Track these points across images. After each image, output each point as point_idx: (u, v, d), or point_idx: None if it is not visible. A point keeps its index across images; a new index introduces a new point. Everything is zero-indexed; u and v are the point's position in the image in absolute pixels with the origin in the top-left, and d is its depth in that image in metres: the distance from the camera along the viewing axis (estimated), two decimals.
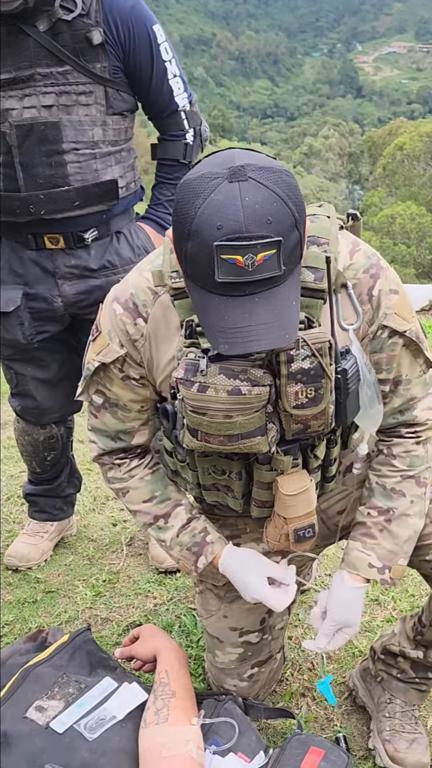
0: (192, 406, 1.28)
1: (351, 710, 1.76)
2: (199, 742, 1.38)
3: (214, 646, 1.71)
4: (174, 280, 1.32)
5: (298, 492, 1.42)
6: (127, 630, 2.03)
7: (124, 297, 1.40)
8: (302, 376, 1.28)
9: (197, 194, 1.11)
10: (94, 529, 2.55)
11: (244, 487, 1.47)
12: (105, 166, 1.93)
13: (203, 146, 2.13)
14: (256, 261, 1.09)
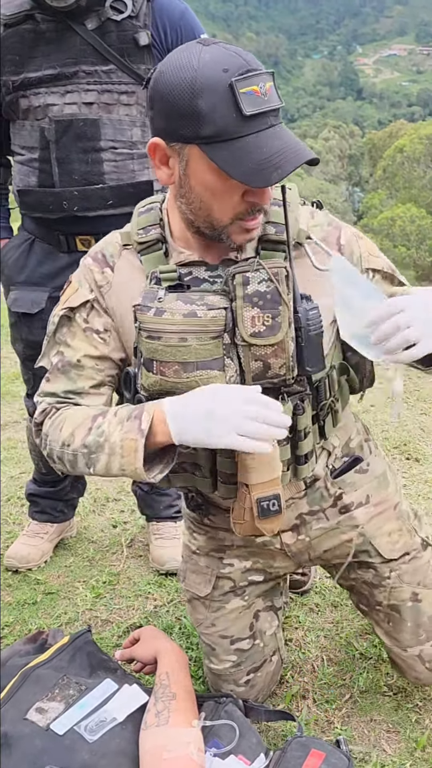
0: (147, 330, 1.30)
1: (351, 712, 1.76)
2: (200, 744, 1.38)
3: (208, 653, 1.73)
4: (140, 236, 1.39)
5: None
6: (128, 632, 2.02)
7: (93, 252, 1.46)
8: (258, 299, 1.29)
9: (186, 63, 1.19)
10: (94, 530, 2.55)
11: (210, 462, 1.43)
12: (142, 168, 1.93)
13: None
14: (266, 89, 1.17)
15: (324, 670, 1.88)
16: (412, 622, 1.64)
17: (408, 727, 1.70)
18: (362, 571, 1.67)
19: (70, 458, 1.37)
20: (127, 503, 2.70)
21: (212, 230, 1.31)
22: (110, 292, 1.43)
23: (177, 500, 2.40)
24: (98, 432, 1.32)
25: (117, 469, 1.31)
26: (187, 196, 1.29)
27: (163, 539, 2.33)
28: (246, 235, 1.32)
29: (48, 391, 1.46)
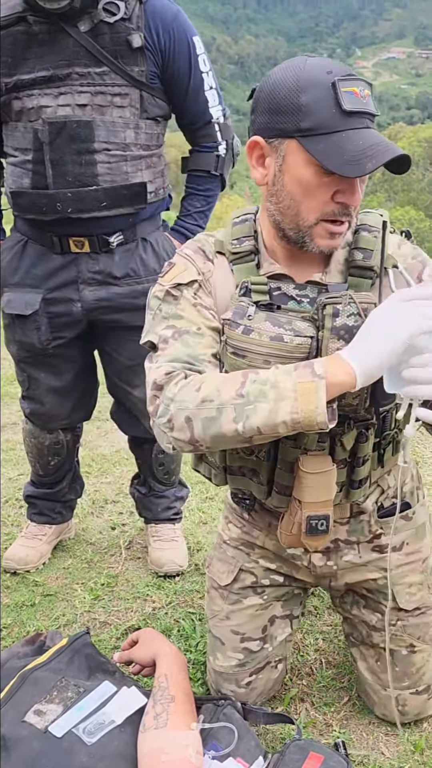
0: (234, 347, 1.32)
1: (350, 715, 1.75)
2: (198, 747, 1.38)
3: (216, 648, 1.73)
4: (234, 246, 1.43)
5: (318, 472, 1.38)
6: (126, 634, 2.02)
7: (192, 247, 1.48)
8: (345, 332, 1.30)
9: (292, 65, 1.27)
10: (92, 532, 2.55)
11: (269, 472, 1.47)
12: (135, 169, 1.93)
13: (235, 161, 2.14)
14: (365, 94, 1.25)
15: (322, 672, 1.88)
16: (400, 669, 1.66)
17: (406, 730, 1.70)
18: (368, 611, 1.69)
19: (210, 415, 1.24)
20: (126, 505, 2.70)
21: (297, 231, 1.33)
22: (211, 281, 1.44)
23: (175, 502, 2.39)
24: (260, 380, 1.24)
25: (285, 414, 1.20)
26: (278, 194, 1.33)
27: (162, 541, 2.33)
28: (329, 241, 1.33)
29: (169, 358, 1.36)
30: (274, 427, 1.22)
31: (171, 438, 1.31)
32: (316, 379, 1.20)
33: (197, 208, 2.10)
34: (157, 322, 1.42)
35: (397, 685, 1.66)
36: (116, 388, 2.21)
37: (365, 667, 1.71)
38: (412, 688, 1.67)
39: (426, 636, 1.67)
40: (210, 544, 2.44)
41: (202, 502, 2.73)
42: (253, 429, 1.22)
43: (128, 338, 2.08)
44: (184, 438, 1.28)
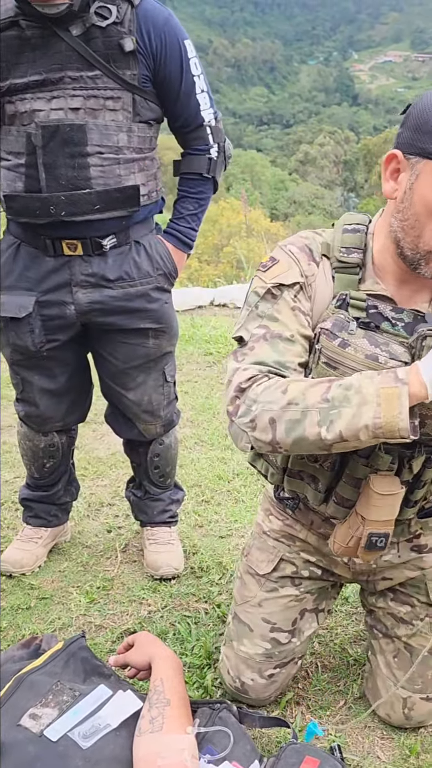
0: (328, 357, 1.35)
1: (345, 719, 1.75)
2: (194, 751, 1.37)
3: (242, 634, 1.74)
4: (342, 254, 1.42)
5: (389, 494, 1.42)
6: (122, 637, 2.02)
7: (298, 243, 1.46)
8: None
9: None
10: (88, 535, 2.54)
11: (330, 480, 1.49)
12: (128, 172, 1.92)
13: (227, 164, 2.13)
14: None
15: (318, 676, 1.88)
16: (418, 669, 1.67)
17: (402, 734, 1.70)
18: (397, 603, 1.71)
19: (294, 417, 1.26)
20: (122, 508, 2.69)
21: (414, 252, 1.34)
22: (313, 285, 1.43)
23: (171, 505, 2.39)
24: (345, 386, 1.26)
25: (368, 419, 1.21)
26: (404, 212, 1.33)
27: (158, 544, 2.33)
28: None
29: (256, 360, 1.37)
30: (356, 432, 1.22)
31: (252, 438, 1.32)
32: (399, 384, 1.22)
33: (190, 210, 2.10)
34: (251, 318, 1.42)
35: (410, 686, 1.67)
36: (110, 391, 2.21)
37: (383, 662, 1.72)
38: (423, 693, 1.67)
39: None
40: (206, 547, 2.43)
41: (198, 505, 2.73)
42: (336, 434, 1.24)
43: (122, 341, 2.08)
44: (265, 439, 1.30)
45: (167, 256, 2.07)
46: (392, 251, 1.40)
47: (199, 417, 3.49)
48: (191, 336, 4.55)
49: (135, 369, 2.13)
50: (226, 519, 2.62)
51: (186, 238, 2.10)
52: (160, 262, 2.05)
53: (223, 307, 5.41)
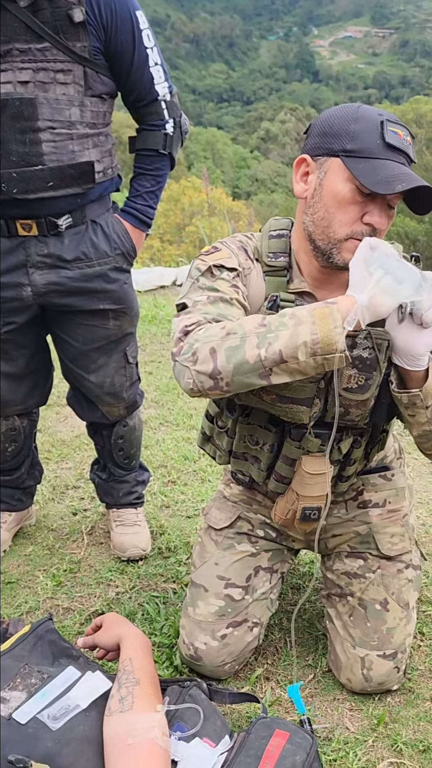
0: None
1: (314, 692, 1.78)
2: (164, 729, 1.38)
3: (197, 596, 1.80)
4: (270, 259, 1.56)
5: (317, 473, 1.62)
6: (89, 619, 2.01)
7: (235, 243, 1.58)
8: (359, 362, 1.52)
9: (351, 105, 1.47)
10: (53, 518, 2.53)
11: (271, 460, 1.68)
12: (82, 148, 1.88)
13: (183, 139, 2.09)
14: (407, 141, 1.42)
15: (287, 651, 1.90)
16: (372, 625, 1.73)
17: (370, 705, 1.73)
18: (350, 559, 1.81)
19: (234, 344, 1.32)
20: (87, 490, 2.68)
21: (327, 243, 1.48)
22: (249, 278, 1.56)
23: (136, 486, 2.38)
24: (279, 314, 1.35)
25: (305, 336, 1.28)
26: (314, 206, 1.49)
27: (125, 526, 2.32)
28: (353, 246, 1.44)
29: (201, 311, 1.43)
30: (295, 350, 1.29)
31: (193, 372, 1.35)
32: (330, 305, 1.33)
33: (147, 188, 2.06)
34: (193, 289, 1.50)
35: (366, 643, 1.72)
36: (71, 374, 2.18)
37: (340, 625, 1.78)
38: (379, 650, 1.71)
39: (400, 597, 1.75)
40: (173, 527, 2.44)
41: (164, 485, 2.73)
42: (276, 353, 1.30)
43: (81, 322, 2.05)
44: (206, 370, 1.33)
45: (125, 235, 2.04)
46: (307, 249, 1.53)
47: (163, 397, 3.48)
48: (154, 316, 4.53)
49: (96, 351, 2.10)
50: (192, 499, 2.63)
51: (144, 216, 2.07)
52: (118, 241, 2.03)
53: None
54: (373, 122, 1.42)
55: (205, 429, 1.82)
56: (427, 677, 1.81)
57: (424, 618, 1.99)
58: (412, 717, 1.69)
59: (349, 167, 1.41)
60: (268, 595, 1.83)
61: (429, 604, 2.05)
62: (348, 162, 1.42)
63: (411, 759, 1.60)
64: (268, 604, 1.83)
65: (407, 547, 1.80)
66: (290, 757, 1.39)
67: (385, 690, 1.74)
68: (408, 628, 1.75)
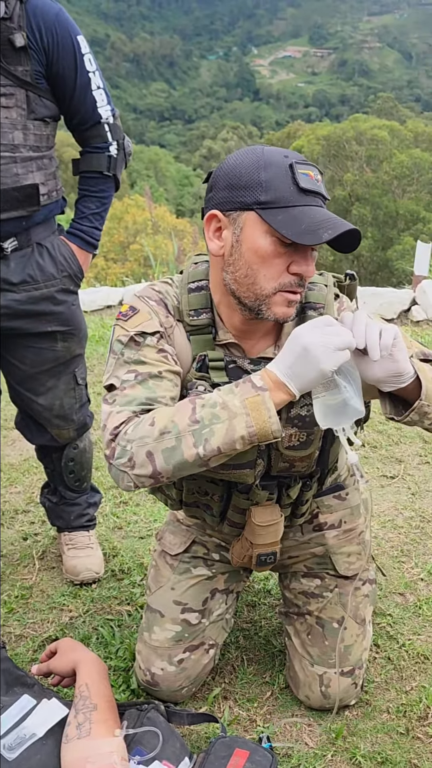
0: None
1: (273, 709, 1.78)
2: (123, 753, 1.37)
3: (153, 621, 1.78)
4: (192, 318, 1.49)
5: (268, 524, 1.61)
6: (43, 645, 1.98)
7: (154, 297, 1.51)
8: (299, 421, 1.49)
9: (251, 150, 1.38)
10: (3, 544, 2.48)
11: (222, 507, 1.65)
12: (26, 171, 1.88)
13: (127, 161, 2.10)
14: (318, 179, 1.35)
15: (244, 669, 1.90)
16: (329, 643, 1.75)
17: (328, 719, 1.74)
18: (307, 579, 1.81)
19: (170, 446, 1.29)
20: (37, 514, 2.64)
21: (254, 300, 1.39)
22: (173, 336, 1.49)
23: (88, 509, 2.36)
24: (210, 404, 1.31)
25: (242, 430, 1.27)
26: (235, 264, 1.39)
27: (77, 549, 2.30)
28: (287, 309, 1.40)
29: (127, 400, 1.39)
30: (233, 444, 1.29)
31: (132, 476, 1.32)
32: (260, 392, 1.30)
33: (92, 209, 2.07)
34: (119, 366, 1.44)
35: (323, 661, 1.73)
36: (19, 397, 2.16)
37: (298, 643, 1.79)
38: (337, 668, 1.71)
39: (357, 614, 1.77)
40: (126, 549, 2.42)
41: (116, 506, 2.71)
42: (213, 450, 1.29)
43: (29, 345, 2.03)
44: (146, 473, 1.31)
45: (71, 257, 2.04)
46: (230, 304, 1.45)
47: None
48: (101, 336, 4.51)
49: (44, 373, 2.09)
50: (145, 519, 2.61)
51: (90, 237, 2.07)
52: (65, 263, 2.02)
53: None
54: (282, 167, 1.33)
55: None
56: (383, 689, 1.83)
57: (379, 630, 2.01)
58: (370, 729, 1.71)
59: (268, 221, 1.32)
60: (223, 615, 1.82)
61: (383, 617, 2.07)
62: (265, 215, 1.32)
63: None
64: (223, 625, 1.83)
65: (364, 564, 1.80)
66: None
67: (343, 706, 1.75)
68: (364, 643, 1.77)
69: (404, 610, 2.11)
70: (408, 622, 2.05)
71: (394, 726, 1.72)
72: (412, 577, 2.25)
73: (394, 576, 2.25)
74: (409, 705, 1.77)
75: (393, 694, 1.82)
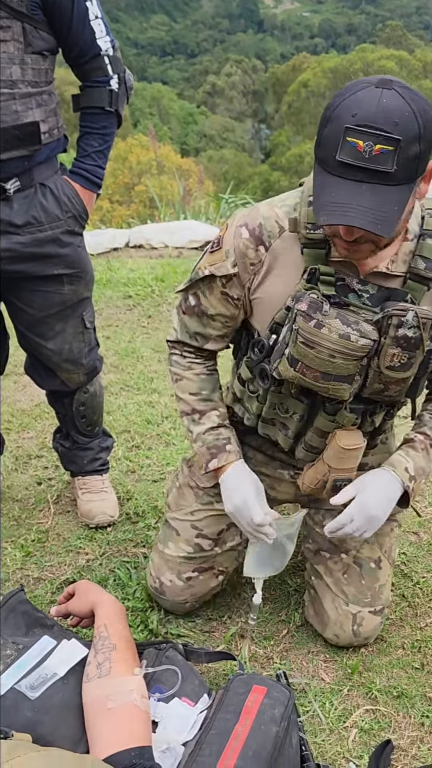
0: (304, 338, 1.45)
1: (289, 647, 1.81)
2: (143, 691, 1.39)
3: (169, 537, 1.86)
4: (309, 231, 1.48)
5: (353, 448, 1.61)
6: (61, 588, 2.01)
7: (252, 224, 1.54)
8: (404, 342, 1.47)
9: (346, 91, 1.29)
10: (18, 489, 2.50)
11: (299, 429, 1.67)
12: (25, 108, 1.81)
13: (129, 95, 2.02)
14: (373, 150, 1.23)
15: (261, 609, 1.92)
16: (366, 582, 1.76)
17: (344, 655, 1.77)
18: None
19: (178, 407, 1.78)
20: (51, 459, 2.65)
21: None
22: (259, 271, 1.55)
23: (101, 453, 2.37)
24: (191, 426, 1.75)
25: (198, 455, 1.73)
26: None
27: (91, 493, 2.31)
28: (346, 254, 1.44)
29: (183, 323, 1.72)
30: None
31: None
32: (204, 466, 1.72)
33: (95, 147, 2.00)
34: (193, 284, 1.65)
35: (359, 600, 1.75)
36: (28, 342, 2.13)
37: (331, 581, 1.79)
38: (371, 606, 1.75)
39: (391, 555, 1.81)
40: (139, 492, 2.43)
41: (128, 450, 2.71)
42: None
43: (35, 289, 2.00)
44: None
45: (75, 197, 1.99)
46: None
47: (122, 362, 3.45)
48: (108, 279, 4.46)
49: (52, 317, 2.06)
50: (158, 463, 2.62)
51: (94, 176, 2.02)
52: (69, 204, 1.97)
53: (139, 248, 5.30)
54: (339, 129, 1.25)
55: (236, 390, 1.80)
56: (398, 626, 1.85)
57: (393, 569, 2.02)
58: (385, 665, 1.74)
59: (314, 176, 1.33)
60: (236, 548, 1.85)
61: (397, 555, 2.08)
62: (316, 169, 1.33)
63: (386, 705, 1.64)
64: (235, 555, 1.86)
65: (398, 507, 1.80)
66: (269, 711, 1.41)
67: (367, 643, 1.78)
68: (389, 583, 1.81)
69: (418, 548, 2.12)
70: (422, 561, 2.07)
71: (409, 661, 1.74)
72: (426, 516, 2.25)
73: (407, 514, 2.26)
74: (424, 641, 1.79)
75: (408, 630, 1.84)
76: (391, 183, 1.26)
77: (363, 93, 1.25)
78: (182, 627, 1.86)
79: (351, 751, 1.56)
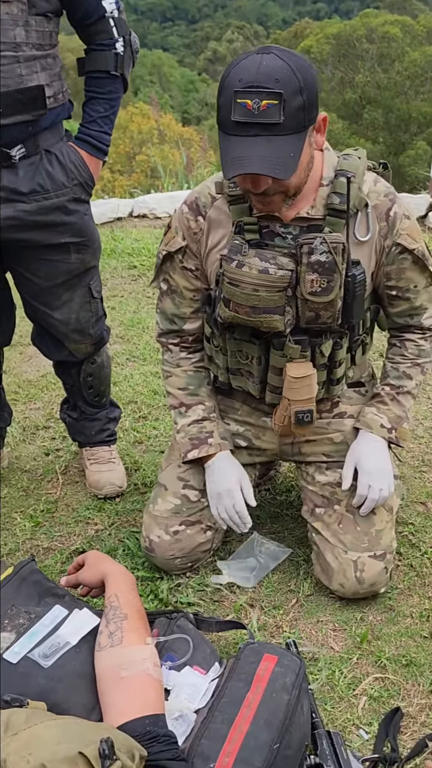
0: (229, 278, 1.64)
1: (299, 616, 1.82)
2: (156, 660, 1.40)
3: (158, 494, 1.95)
4: (231, 189, 1.68)
5: (302, 377, 1.73)
6: (71, 558, 2.02)
7: (190, 199, 1.78)
8: (318, 267, 1.61)
9: (233, 62, 1.47)
10: (26, 459, 2.50)
11: (262, 373, 1.81)
12: (30, 72, 1.77)
13: (134, 59, 1.98)
14: (261, 106, 1.41)
15: (269, 578, 1.93)
16: (362, 528, 1.79)
17: (353, 624, 1.78)
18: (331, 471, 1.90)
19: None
20: (58, 430, 2.65)
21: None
22: (201, 238, 1.76)
23: (108, 424, 2.36)
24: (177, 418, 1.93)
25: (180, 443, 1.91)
26: None
27: (99, 464, 2.31)
28: (261, 207, 1.61)
29: (161, 309, 1.93)
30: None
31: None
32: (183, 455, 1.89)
33: (101, 113, 1.96)
34: (160, 273, 1.88)
35: (357, 546, 1.78)
36: (34, 312, 2.12)
37: (329, 534, 1.83)
38: (370, 551, 1.77)
39: (386, 503, 1.84)
40: (147, 463, 2.43)
41: (135, 421, 2.71)
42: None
43: (41, 257, 1.97)
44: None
45: (81, 164, 1.95)
46: None
47: (128, 332, 3.43)
48: (113, 249, 4.42)
49: (59, 287, 2.04)
50: (165, 434, 2.62)
51: (100, 143, 1.98)
52: (75, 171, 1.94)
53: (143, 218, 5.25)
54: (229, 93, 1.43)
55: (206, 350, 1.94)
56: (406, 595, 1.86)
57: (401, 539, 2.03)
58: (394, 633, 1.75)
59: (219, 140, 1.48)
60: None
61: (405, 525, 2.09)
62: (219, 133, 1.48)
63: (395, 673, 1.65)
64: None
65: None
66: (280, 679, 1.43)
67: (374, 592, 1.80)
68: (392, 532, 1.84)
69: (426, 518, 2.12)
70: (430, 531, 2.07)
71: (418, 630, 1.75)
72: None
73: (415, 485, 2.26)
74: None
75: (416, 599, 1.85)
76: (283, 133, 1.43)
77: (246, 61, 1.43)
78: (192, 596, 1.87)
79: (361, 719, 1.57)
